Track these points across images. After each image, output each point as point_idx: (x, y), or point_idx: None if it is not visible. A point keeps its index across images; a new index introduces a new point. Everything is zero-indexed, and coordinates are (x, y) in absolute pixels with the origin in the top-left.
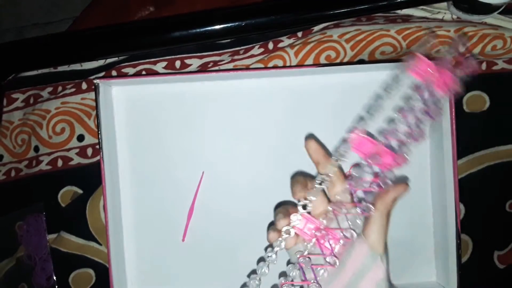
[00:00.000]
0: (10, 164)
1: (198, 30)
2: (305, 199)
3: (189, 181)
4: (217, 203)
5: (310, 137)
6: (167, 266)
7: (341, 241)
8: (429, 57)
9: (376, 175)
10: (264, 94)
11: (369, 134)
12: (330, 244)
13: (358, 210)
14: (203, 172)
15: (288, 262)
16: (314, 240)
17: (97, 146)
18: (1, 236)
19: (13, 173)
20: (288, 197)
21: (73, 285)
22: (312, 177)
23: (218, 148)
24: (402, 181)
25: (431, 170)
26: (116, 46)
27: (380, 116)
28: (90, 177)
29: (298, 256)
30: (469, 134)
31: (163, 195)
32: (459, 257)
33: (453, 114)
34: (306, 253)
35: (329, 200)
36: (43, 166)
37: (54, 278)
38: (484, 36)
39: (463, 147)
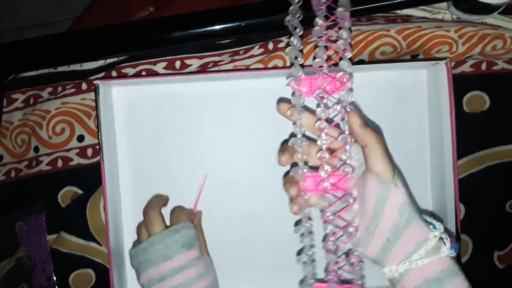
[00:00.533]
0: (10, 165)
1: (198, 30)
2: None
3: (189, 181)
4: (217, 203)
5: (281, 100)
6: None
7: (348, 177)
8: None
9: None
10: (264, 94)
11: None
12: (340, 187)
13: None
14: (205, 176)
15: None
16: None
17: (97, 147)
18: (1, 237)
19: (13, 174)
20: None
21: (73, 286)
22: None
23: (218, 148)
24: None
25: (431, 170)
26: (116, 46)
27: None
28: (90, 178)
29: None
30: (469, 134)
31: None
32: (459, 257)
33: (453, 114)
34: (328, 206)
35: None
36: (43, 167)
37: (54, 278)
38: (484, 36)
39: (463, 147)
